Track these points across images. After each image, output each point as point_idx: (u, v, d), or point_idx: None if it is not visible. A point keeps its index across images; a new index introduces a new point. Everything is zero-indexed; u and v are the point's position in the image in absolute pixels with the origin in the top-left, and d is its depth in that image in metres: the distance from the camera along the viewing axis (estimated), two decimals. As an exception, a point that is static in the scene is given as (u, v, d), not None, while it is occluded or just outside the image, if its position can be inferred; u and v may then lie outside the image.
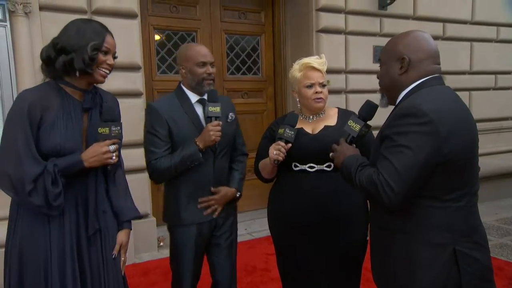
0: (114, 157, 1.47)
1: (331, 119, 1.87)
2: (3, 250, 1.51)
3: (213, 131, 1.80)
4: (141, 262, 3.39)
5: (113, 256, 1.57)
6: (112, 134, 1.46)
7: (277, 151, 1.73)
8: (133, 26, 3.36)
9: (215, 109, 1.82)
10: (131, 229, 1.68)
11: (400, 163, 1.21)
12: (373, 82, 1.98)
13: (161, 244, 3.68)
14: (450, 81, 4.97)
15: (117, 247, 1.60)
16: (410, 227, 1.30)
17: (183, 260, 1.93)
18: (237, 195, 2.05)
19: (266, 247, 3.54)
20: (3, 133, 1.43)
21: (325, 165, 1.80)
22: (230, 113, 2.03)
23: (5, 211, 2.88)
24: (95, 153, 1.43)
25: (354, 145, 1.55)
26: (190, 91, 1.94)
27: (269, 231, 2.07)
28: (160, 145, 1.85)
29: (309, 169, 1.81)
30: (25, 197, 1.36)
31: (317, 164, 1.80)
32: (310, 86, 1.83)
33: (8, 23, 2.94)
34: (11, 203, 1.51)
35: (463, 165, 1.27)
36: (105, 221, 1.56)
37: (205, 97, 1.94)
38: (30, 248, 1.43)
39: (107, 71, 1.50)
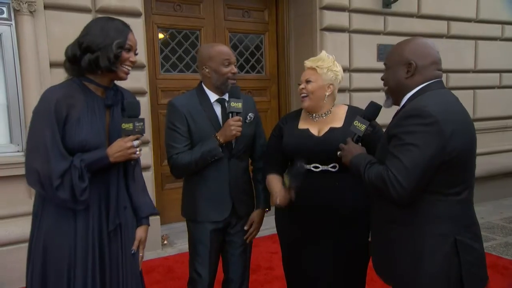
0: (137, 152, 1.52)
1: (338, 120, 1.85)
2: (25, 245, 1.55)
3: (234, 125, 1.81)
4: (145, 261, 3.38)
5: (132, 252, 1.61)
6: (136, 130, 1.50)
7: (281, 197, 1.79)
8: (137, 25, 3.36)
9: (237, 104, 1.83)
10: (149, 225, 1.71)
11: (408, 160, 1.30)
12: (377, 80, 1.97)
13: (165, 242, 3.69)
14: (455, 80, 4.97)
15: (136, 243, 1.63)
16: (415, 220, 1.39)
17: (198, 255, 1.95)
18: (266, 210, 2.11)
19: (270, 245, 3.54)
20: (30, 130, 1.48)
21: (329, 166, 1.80)
22: (250, 114, 2.01)
23: (26, 207, 2.94)
24: (120, 148, 1.47)
25: (360, 143, 1.62)
26: (210, 91, 1.95)
27: (272, 230, 2.08)
28: (181, 140, 1.88)
29: (314, 169, 1.82)
30: (52, 192, 1.40)
31: (321, 165, 1.81)
32: (299, 84, 1.88)
33: (13, 22, 2.96)
34: (35, 199, 1.55)
35: (464, 163, 1.37)
36: (125, 216, 1.59)
37: (225, 96, 1.95)
38: (54, 243, 1.46)
39: (130, 68, 1.55)
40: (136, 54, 1.58)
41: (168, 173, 3.77)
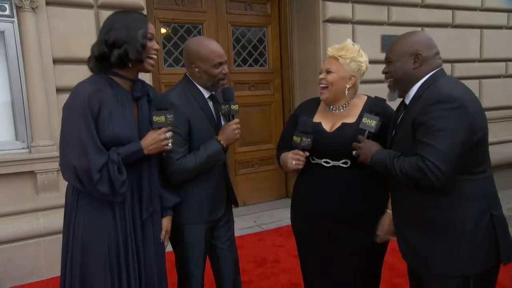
0: (170, 144, 1.55)
1: (352, 115, 1.77)
2: (32, 241, 1.59)
3: (238, 129, 1.81)
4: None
5: (162, 241, 1.70)
6: (168, 122, 1.53)
7: (296, 161, 1.74)
8: (139, 20, 3.36)
9: (235, 107, 1.81)
10: (172, 215, 1.78)
11: (442, 145, 1.35)
12: (380, 71, 1.93)
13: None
14: (460, 69, 4.92)
15: (163, 232, 1.71)
16: (450, 202, 1.44)
17: (193, 258, 1.90)
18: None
19: (276, 239, 3.55)
20: (63, 126, 1.48)
21: (341, 162, 1.75)
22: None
23: (32, 204, 2.96)
24: (154, 141, 1.51)
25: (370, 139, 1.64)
26: (201, 87, 1.87)
27: (278, 223, 2.08)
28: (182, 143, 1.76)
29: (325, 164, 1.78)
30: (93, 187, 1.42)
31: (332, 160, 1.77)
32: (320, 73, 1.80)
33: (15, 19, 2.96)
34: (67, 194, 1.57)
35: (485, 141, 1.46)
36: (156, 205, 1.64)
37: (215, 93, 1.92)
38: (93, 239, 1.49)
39: (155, 56, 1.57)
40: (157, 43, 1.60)
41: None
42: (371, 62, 5.11)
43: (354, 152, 1.61)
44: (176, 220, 1.85)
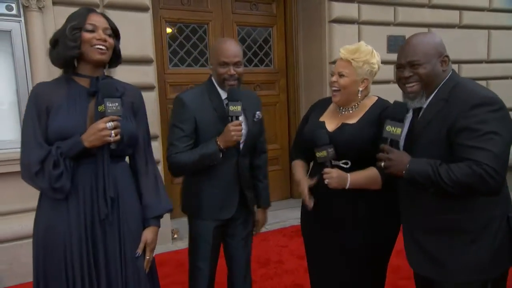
0: (113, 134, 1.42)
1: (357, 116, 1.75)
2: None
3: (234, 131, 1.76)
4: (156, 254, 3.41)
5: (136, 255, 1.54)
6: (109, 111, 1.42)
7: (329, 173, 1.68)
8: (145, 19, 3.36)
9: (236, 108, 1.77)
10: (158, 226, 1.64)
11: (495, 148, 1.33)
12: (386, 72, 1.93)
13: (175, 236, 3.72)
14: (467, 70, 4.88)
15: (141, 245, 1.56)
16: (474, 206, 1.43)
17: (200, 253, 1.94)
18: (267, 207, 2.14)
19: (280, 239, 3.54)
20: (21, 127, 1.52)
21: (341, 162, 1.73)
22: (257, 112, 1.98)
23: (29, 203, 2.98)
24: (92, 131, 1.41)
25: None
26: (219, 88, 1.89)
27: (282, 223, 2.08)
28: (184, 140, 1.81)
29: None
30: (33, 180, 1.42)
31: (326, 166, 1.74)
32: (332, 74, 1.78)
33: (22, 18, 2.98)
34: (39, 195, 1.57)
35: None
36: (123, 210, 1.52)
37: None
38: (51, 236, 1.47)
39: (102, 47, 1.47)
40: (110, 35, 1.50)
41: (178, 167, 3.83)
42: (377, 62, 5.01)
43: (382, 164, 1.47)
44: (187, 210, 1.98)
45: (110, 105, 1.42)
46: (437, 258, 1.48)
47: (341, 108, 1.80)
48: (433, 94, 1.50)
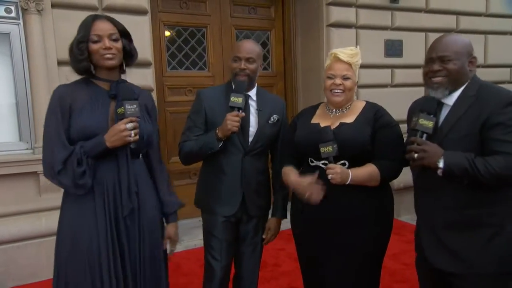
0: (133, 135, 1.51)
1: (351, 116, 1.80)
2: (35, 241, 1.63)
3: (230, 120, 1.78)
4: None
5: (169, 251, 1.76)
6: (128, 113, 1.50)
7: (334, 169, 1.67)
8: (144, 23, 3.38)
9: (237, 99, 1.80)
10: (176, 221, 1.80)
11: None
12: (385, 76, 1.92)
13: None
14: (464, 75, 4.91)
15: (165, 241, 1.74)
16: (497, 199, 1.50)
17: (210, 248, 1.98)
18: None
19: (276, 242, 3.47)
20: (44, 127, 1.57)
21: (339, 163, 1.72)
22: (274, 115, 2.00)
23: (35, 204, 2.98)
24: (114, 132, 1.50)
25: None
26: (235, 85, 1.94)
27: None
28: (194, 130, 1.94)
29: (323, 166, 1.76)
30: (56, 177, 1.50)
31: (330, 162, 1.74)
32: (331, 77, 1.80)
33: (21, 21, 2.99)
34: (62, 195, 1.63)
35: None
36: (142, 203, 1.62)
37: (250, 93, 1.97)
38: (77, 233, 1.54)
39: (109, 55, 1.55)
40: (115, 40, 1.57)
41: (177, 170, 3.85)
42: (375, 67, 5.13)
43: (416, 155, 1.49)
44: (199, 205, 2.06)
45: (129, 107, 1.51)
46: (459, 252, 1.54)
47: (333, 110, 1.85)
48: (460, 91, 1.58)
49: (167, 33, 4.03)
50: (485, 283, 1.50)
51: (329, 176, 1.66)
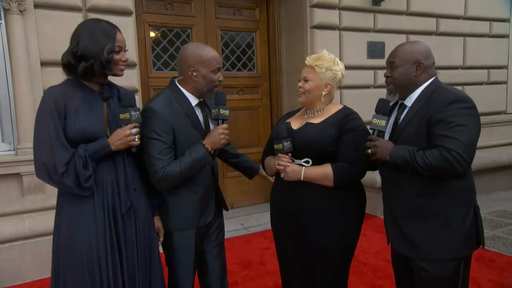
0: (136, 139, 1.62)
1: (321, 118, 1.85)
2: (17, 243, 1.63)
3: (224, 134, 1.79)
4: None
5: (159, 241, 1.83)
6: (133, 119, 1.61)
7: (284, 163, 1.80)
8: (128, 24, 3.37)
9: (225, 112, 1.81)
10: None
11: (464, 138, 1.53)
12: (367, 77, 1.98)
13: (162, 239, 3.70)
14: (444, 76, 5.03)
15: (156, 232, 1.81)
16: (444, 192, 1.63)
17: (183, 265, 1.87)
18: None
19: (262, 241, 3.58)
20: (35, 127, 1.59)
21: (302, 161, 1.81)
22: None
23: (18, 206, 2.94)
24: (119, 137, 1.58)
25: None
26: (189, 93, 1.85)
27: (265, 226, 2.12)
28: (167, 152, 1.73)
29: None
30: (58, 179, 1.52)
31: (296, 159, 1.83)
32: (299, 81, 1.91)
33: (3, 21, 2.96)
34: (57, 198, 1.65)
35: None
36: (138, 200, 1.69)
37: (208, 101, 1.93)
38: (74, 240, 1.57)
39: (124, 66, 1.68)
40: (126, 51, 1.68)
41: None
42: (358, 68, 5.21)
43: (369, 151, 1.66)
44: (166, 226, 1.85)
45: (134, 113, 1.61)
46: (414, 238, 1.68)
47: (308, 111, 1.93)
48: (418, 93, 1.69)
49: (152, 34, 4.03)
50: (437, 268, 1.65)
51: (281, 175, 1.80)
